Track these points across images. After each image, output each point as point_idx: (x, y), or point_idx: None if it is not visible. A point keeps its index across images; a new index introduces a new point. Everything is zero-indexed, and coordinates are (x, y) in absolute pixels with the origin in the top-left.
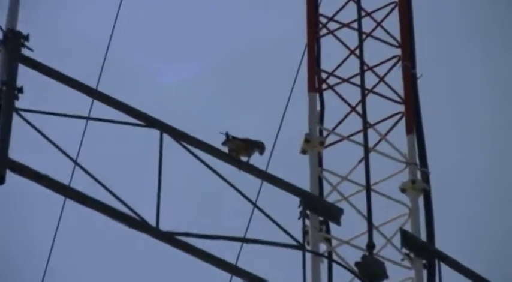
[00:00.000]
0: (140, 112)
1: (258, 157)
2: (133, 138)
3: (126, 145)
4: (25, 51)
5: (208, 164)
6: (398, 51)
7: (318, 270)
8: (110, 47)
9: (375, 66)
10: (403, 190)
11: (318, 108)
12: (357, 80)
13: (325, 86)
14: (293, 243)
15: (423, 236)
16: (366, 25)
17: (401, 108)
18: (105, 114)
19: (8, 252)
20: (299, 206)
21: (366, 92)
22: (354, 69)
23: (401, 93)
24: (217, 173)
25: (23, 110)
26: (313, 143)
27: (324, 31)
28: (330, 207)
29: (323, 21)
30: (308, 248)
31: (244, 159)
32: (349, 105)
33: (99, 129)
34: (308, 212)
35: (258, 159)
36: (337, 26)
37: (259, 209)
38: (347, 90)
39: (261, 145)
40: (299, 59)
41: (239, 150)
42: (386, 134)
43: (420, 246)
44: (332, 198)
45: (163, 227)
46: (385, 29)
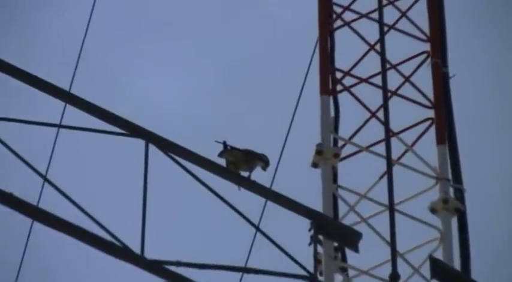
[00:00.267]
0: (122, 119)
1: (261, 172)
2: (115, 149)
3: (106, 158)
4: None
5: (201, 180)
6: (427, 47)
7: None
8: (86, 47)
9: (399, 64)
10: (433, 210)
11: (332, 113)
12: (378, 81)
13: (340, 87)
14: (303, 273)
15: (457, 264)
16: (389, 15)
17: (431, 113)
18: (82, 122)
19: None
20: (310, 229)
21: (389, 95)
22: (375, 68)
23: (431, 96)
24: (212, 191)
25: None
26: (327, 155)
27: (339, 23)
28: (347, 231)
29: (338, 11)
30: (321, 279)
31: (245, 174)
32: (368, 110)
33: (75, 139)
34: (321, 237)
35: (261, 175)
36: (355, 16)
37: (263, 233)
38: (366, 93)
39: (264, 159)
40: (309, 55)
41: (239, 163)
42: (413, 144)
43: (453, 277)
44: (349, 220)
45: (149, 254)
46: (411, 20)
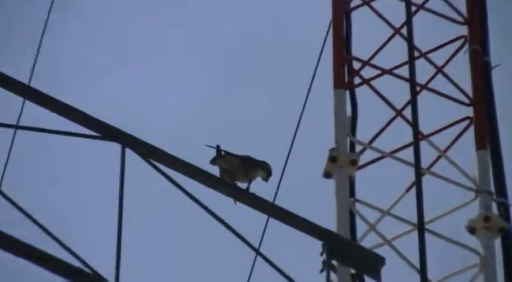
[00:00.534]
0: (93, 119)
1: (262, 183)
2: (86, 154)
3: (75, 165)
4: None
5: (190, 193)
6: (464, 30)
7: None
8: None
9: (430, 51)
10: (472, 230)
11: (348, 112)
12: (404, 72)
13: (358, 80)
14: None
15: None
16: None
17: (469, 112)
18: (46, 123)
19: None
20: (321, 253)
21: (418, 89)
22: (400, 57)
23: (469, 91)
24: (203, 206)
25: None
26: (342, 162)
27: (357, 1)
28: (366, 255)
29: None
30: None
31: (243, 185)
32: (393, 107)
33: (38, 143)
34: (334, 262)
35: (262, 186)
36: None
37: (264, 258)
38: (390, 87)
39: (266, 167)
40: (320, 42)
41: (235, 172)
42: (448, 148)
43: None
44: (369, 241)
45: None
46: None
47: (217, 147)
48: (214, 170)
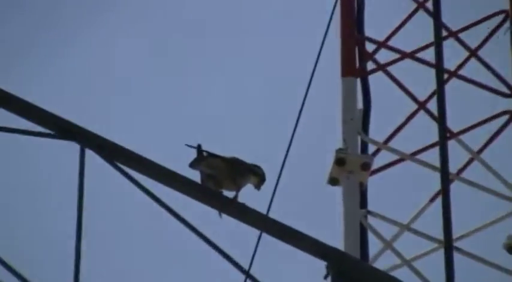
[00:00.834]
0: (48, 114)
1: (254, 191)
2: (42, 155)
3: (28, 168)
4: None
5: (165, 203)
6: (505, 4)
7: None
8: None
9: (461, 30)
10: (511, 248)
11: (360, 104)
12: (428, 56)
13: (372, 65)
14: None
15: None
16: None
17: (509, 104)
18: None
19: None
20: (325, 276)
21: (446, 77)
22: (424, 37)
23: (510, 80)
24: (180, 218)
25: None
26: (351, 166)
27: None
28: (380, 279)
29: None
30: None
31: (230, 194)
32: (414, 99)
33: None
34: None
35: (253, 195)
36: None
37: (255, 281)
38: (411, 74)
39: (258, 172)
40: (326, 19)
41: (220, 178)
42: (482, 149)
43: None
44: (384, 262)
45: None
46: None
47: (199, 147)
48: (195, 174)
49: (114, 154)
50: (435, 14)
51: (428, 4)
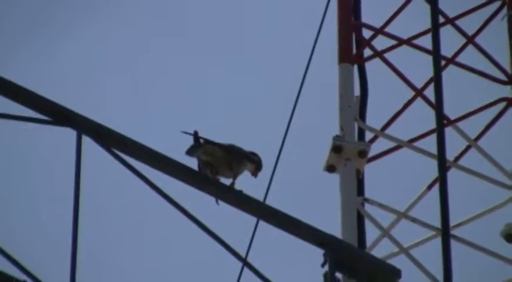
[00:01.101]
0: (45, 100)
1: (251, 178)
2: (40, 142)
3: (25, 156)
4: None
5: (162, 190)
6: None
7: None
8: None
9: (458, 16)
10: (509, 237)
11: (357, 91)
12: (425, 42)
13: (368, 52)
14: None
15: None
16: None
17: (506, 91)
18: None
19: None
20: (323, 264)
21: (443, 64)
22: (421, 24)
23: (507, 67)
24: (178, 206)
25: None
26: (348, 154)
27: None
28: (377, 266)
29: None
30: None
31: (227, 181)
32: (411, 86)
33: None
34: (339, 275)
35: (250, 182)
36: None
37: (252, 269)
38: (407, 61)
39: (254, 159)
40: (322, 5)
41: (217, 165)
42: (479, 136)
43: None
44: (381, 250)
45: None
46: None
47: (195, 134)
48: (192, 161)
49: (111, 140)
50: (432, 0)
51: None
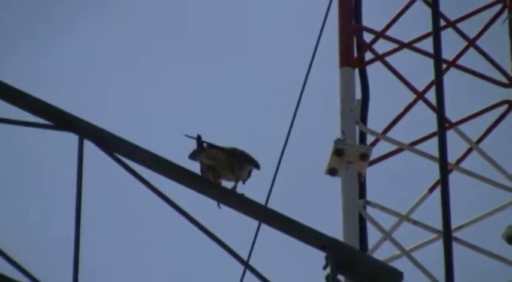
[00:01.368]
0: (45, 104)
1: (253, 181)
2: (42, 146)
3: (28, 161)
4: None
5: (164, 194)
6: None
7: None
8: None
9: (459, 19)
10: (511, 239)
11: (358, 95)
12: (426, 46)
13: (370, 55)
14: None
15: None
16: None
17: (508, 94)
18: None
19: None
20: (324, 266)
21: (444, 67)
22: (422, 27)
23: (508, 69)
24: (180, 210)
25: None
26: (350, 157)
27: None
28: (379, 269)
29: None
30: None
31: (229, 184)
32: (412, 89)
33: None
34: (341, 278)
35: (252, 186)
36: None
37: (254, 272)
38: (409, 64)
39: (257, 162)
40: (323, 9)
41: (220, 168)
42: (480, 139)
43: None
44: (383, 252)
45: None
46: None
47: (198, 138)
48: (194, 165)
49: (113, 145)
50: (433, 4)
51: None
